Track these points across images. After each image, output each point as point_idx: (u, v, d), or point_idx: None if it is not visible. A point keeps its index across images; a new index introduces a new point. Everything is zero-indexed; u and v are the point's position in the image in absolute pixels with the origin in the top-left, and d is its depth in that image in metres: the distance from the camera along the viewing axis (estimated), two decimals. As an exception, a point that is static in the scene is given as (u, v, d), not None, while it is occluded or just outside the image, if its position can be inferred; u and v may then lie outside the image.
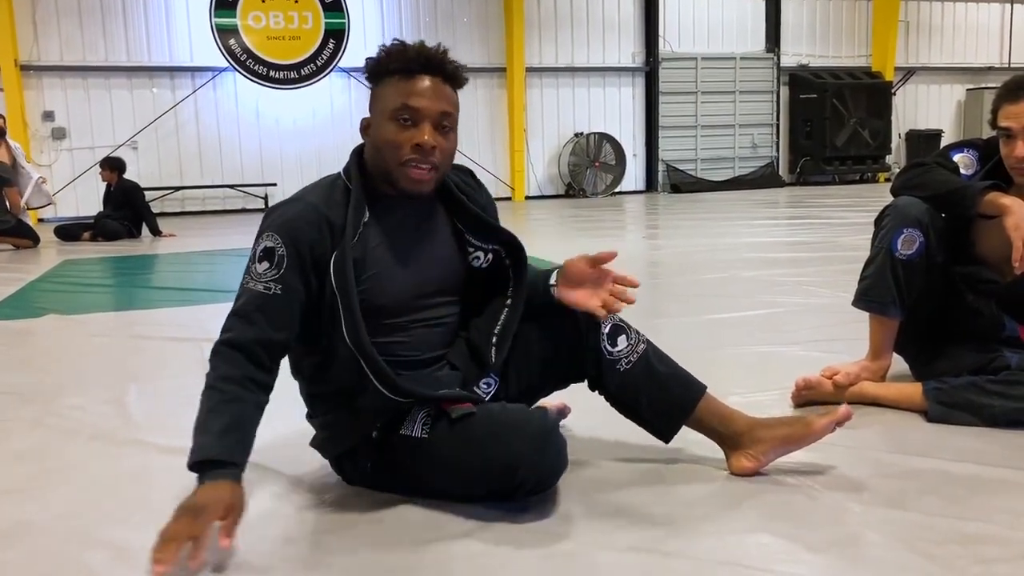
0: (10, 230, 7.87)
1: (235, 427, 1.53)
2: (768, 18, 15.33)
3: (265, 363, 1.60)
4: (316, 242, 1.63)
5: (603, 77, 14.51)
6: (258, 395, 1.59)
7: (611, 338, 1.80)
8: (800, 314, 3.62)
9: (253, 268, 1.63)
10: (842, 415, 1.78)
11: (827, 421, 1.78)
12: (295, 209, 1.65)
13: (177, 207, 12.29)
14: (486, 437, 1.60)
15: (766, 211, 9.98)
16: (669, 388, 1.81)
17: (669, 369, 1.83)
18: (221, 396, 1.55)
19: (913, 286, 2.25)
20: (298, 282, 1.62)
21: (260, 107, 12.58)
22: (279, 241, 1.62)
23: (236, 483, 1.49)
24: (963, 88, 16.74)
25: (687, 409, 1.81)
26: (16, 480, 1.96)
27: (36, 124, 11.70)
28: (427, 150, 1.63)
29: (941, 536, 1.50)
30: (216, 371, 1.58)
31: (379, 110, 1.67)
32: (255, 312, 1.60)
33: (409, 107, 1.62)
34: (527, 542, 1.53)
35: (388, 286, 1.70)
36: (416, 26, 13.14)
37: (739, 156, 15.39)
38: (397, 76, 1.64)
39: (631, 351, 1.80)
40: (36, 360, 3.35)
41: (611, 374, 1.79)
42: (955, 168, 2.27)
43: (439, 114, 1.64)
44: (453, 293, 1.81)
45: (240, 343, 1.59)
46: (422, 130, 1.63)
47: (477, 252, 1.81)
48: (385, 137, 1.65)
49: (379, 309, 1.69)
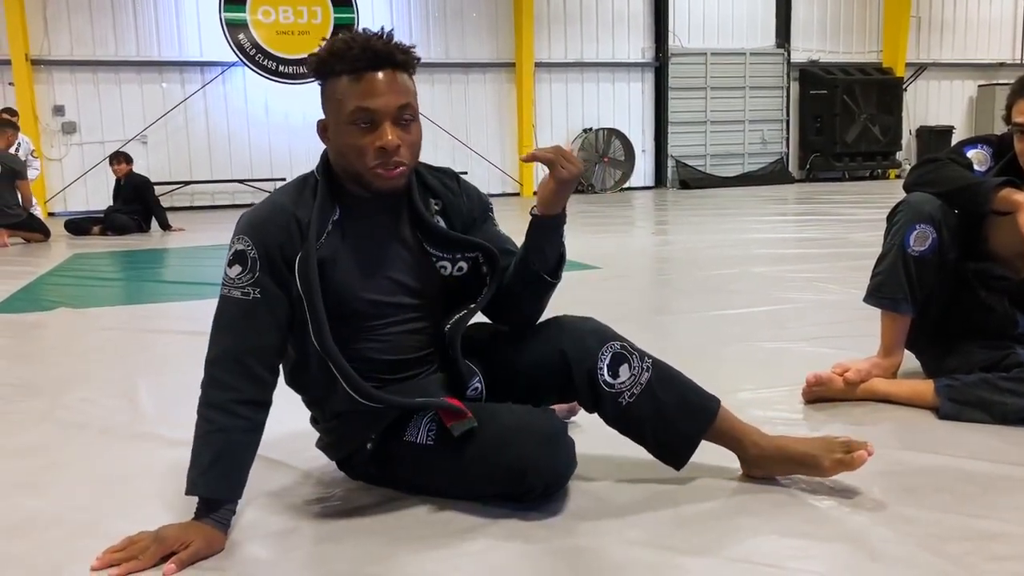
0: (21, 224, 7.92)
1: (221, 459, 1.51)
2: (778, 13, 15.26)
3: (257, 373, 1.55)
4: (285, 243, 1.58)
5: (612, 72, 14.47)
6: (248, 417, 1.54)
7: (612, 369, 1.67)
8: (810, 310, 3.61)
9: (227, 274, 1.58)
10: (858, 461, 1.64)
11: (839, 466, 1.65)
12: (264, 210, 1.62)
13: (186, 202, 12.31)
14: (494, 442, 1.58)
15: (776, 207, 9.95)
16: (675, 423, 1.68)
17: (676, 397, 1.69)
18: (208, 426, 1.52)
19: (925, 283, 2.23)
20: (273, 284, 1.57)
21: (269, 102, 12.60)
22: (249, 243, 1.57)
23: (217, 528, 1.49)
24: (975, 84, 16.63)
25: (693, 442, 1.71)
26: (25, 473, 1.97)
27: (46, 118, 11.74)
28: (391, 151, 1.55)
29: (953, 533, 1.49)
30: (204, 396, 1.55)
31: (333, 112, 1.59)
32: (237, 320, 1.56)
33: (365, 109, 1.54)
34: (535, 538, 1.53)
35: (358, 287, 1.65)
36: (425, 21, 13.14)
37: (749, 152, 15.33)
38: (346, 76, 1.55)
39: (634, 383, 1.67)
40: (46, 353, 3.36)
41: (612, 406, 1.68)
42: (968, 164, 2.25)
43: (397, 109, 1.55)
44: (426, 298, 1.73)
45: (227, 357, 1.54)
46: (383, 131, 1.54)
47: (442, 261, 1.72)
48: (346, 142, 1.57)
49: (350, 313, 1.64)
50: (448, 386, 1.73)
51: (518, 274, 1.71)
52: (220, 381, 1.54)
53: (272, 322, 1.57)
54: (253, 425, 1.56)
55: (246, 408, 1.54)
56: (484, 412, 1.64)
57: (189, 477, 1.51)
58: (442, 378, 1.74)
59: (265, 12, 12.24)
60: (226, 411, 1.52)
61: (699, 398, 1.72)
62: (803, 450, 1.70)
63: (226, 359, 1.54)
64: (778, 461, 1.72)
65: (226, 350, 1.55)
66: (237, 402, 1.53)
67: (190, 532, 1.47)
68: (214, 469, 1.51)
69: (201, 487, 1.51)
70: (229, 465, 1.53)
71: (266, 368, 1.57)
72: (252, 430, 1.56)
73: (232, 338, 1.55)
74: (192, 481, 1.51)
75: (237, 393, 1.53)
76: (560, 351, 1.69)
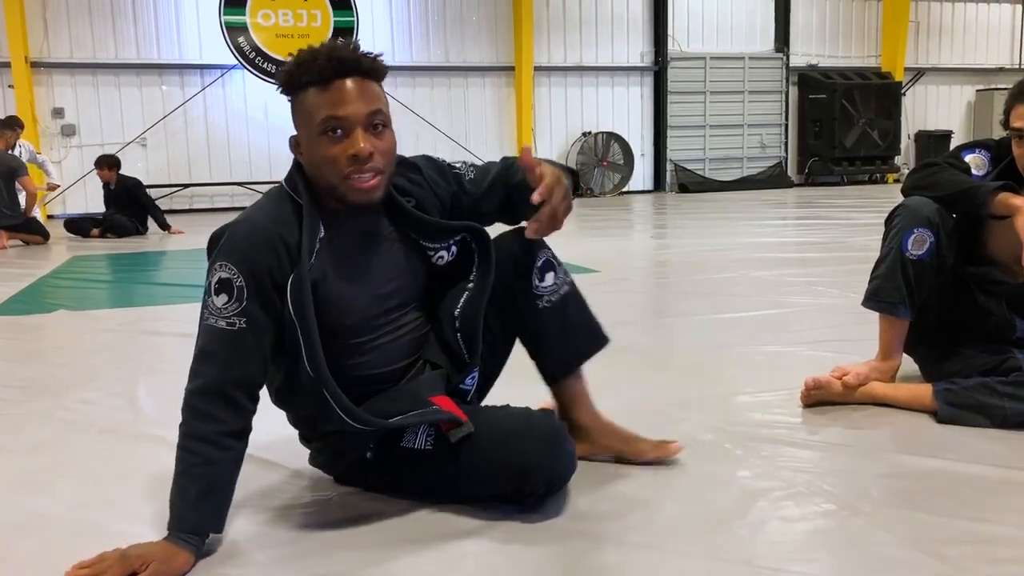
0: (21, 226, 7.91)
1: (211, 493, 1.49)
2: (777, 18, 15.28)
3: (242, 403, 1.52)
4: (274, 267, 1.53)
5: (611, 76, 14.48)
6: (234, 449, 1.52)
7: (541, 272, 1.77)
8: (809, 314, 3.62)
9: (211, 303, 1.53)
10: (674, 449, 1.86)
11: (655, 454, 1.86)
12: (245, 233, 1.55)
13: (186, 204, 12.31)
14: (496, 444, 1.58)
15: (774, 211, 9.96)
16: (577, 337, 1.82)
17: (582, 316, 1.84)
18: (194, 458, 1.48)
19: (923, 286, 2.24)
20: (262, 312, 1.52)
21: (269, 105, 12.58)
22: (235, 271, 1.51)
23: (184, 547, 1.46)
24: (973, 89, 16.65)
25: (584, 357, 1.84)
26: (28, 473, 1.97)
27: (46, 121, 11.73)
28: (364, 158, 1.52)
29: (952, 537, 1.50)
30: (188, 427, 1.50)
31: (304, 125, 1.57)
32: (223, 350, 1.51)
33: (335, 118, 1.51)
34: (536, 540, 1.53)
35: (349, 306, 1.63)
36: (424, 24, 13.15)
37: (747, 156, 15.34)
38: (314, 87, 1.53)
39: (554, 291, 1.78)
40: (47, 354, 3.36)
41: (532, 311, 1.78)
42: (966, 168, 2.26)
43: (367, 116, 1.53)
44: (415, 299, 1.75)
45: (213, 389, 1.50)
46: (355, 139, 1.52)
47: (440, 252, 1.73)
48: (319, 154, 1.54)
49: (342, 330, 1.63)
50: (440, 383, 1.71)
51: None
52: (205, 413, 1.49)
53: (258, 352, 1.53)
54: (237, 455, 1.53)
55: (230, 439, 1.51)
56: (482, 415, 1.64)
57: (177, 511, 1.48)
58: (433, 377, 1.72)
59: (265, 15, 12.24)
60: (212, 443, 1.49)
61: (599, 327, 1.88)
62: (628, 432, 1.88)
63: (210, 391, 1.50)
64: (604, 434, 1.87)
65: (211, 382, 1.50)
66: (223, 434, 1.50)
67: (154, 551, 1.44)
68: (204, 503, 1.48)
69: (190, 522, 1.47)
70: (219, 499, 1.51)
71: (250, 398, 1.54)
72: (237, 460, 1.54)
73: (217, 369, 1.50)
74: (180, 516, 1.47)
75: (222, 425, 1.50)
76: (512, 258, 1.77)
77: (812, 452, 1.96)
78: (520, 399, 1.76)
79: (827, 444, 2.01)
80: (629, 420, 1.91)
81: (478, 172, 1.80)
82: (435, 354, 1.76)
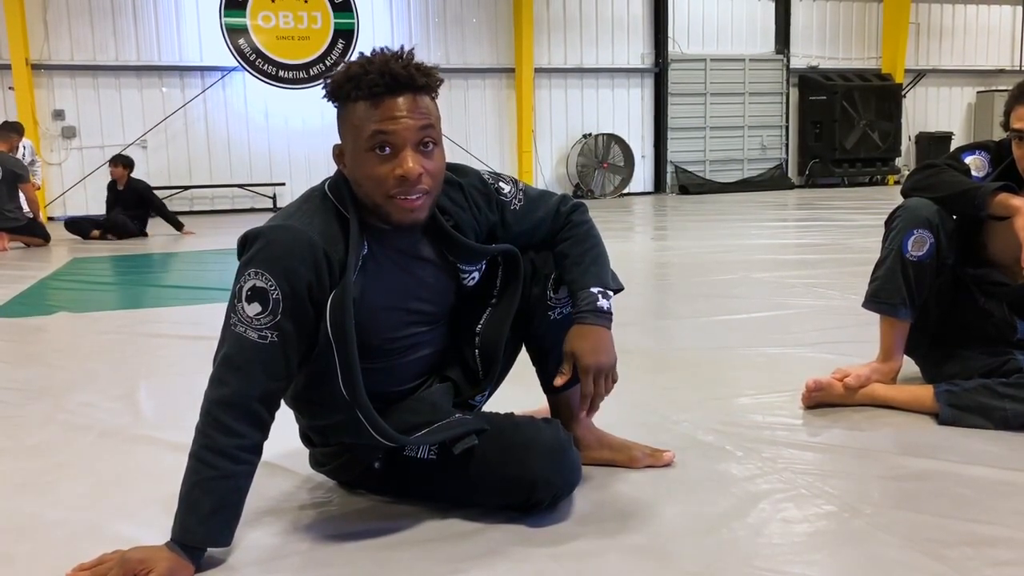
0: (22, 228, 7.91)
1: (224, 507, 1.45)
2: (778, 19, 15.30)
3: (263, 417, 1.48)
4: (314, 284, 1.47)
5: (612, 78, 14.50)
6: (251, 463, 1.48)
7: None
8: (810, 316, 3.61)
9: (241, 309, 1.46)
10: (667, 458, 1.88)
11: (648, 462, 1.87)
12: (287, 243, 1.47)
13: (186, 206, 12.30)
14: (499, 456, 1.57)
15: (775, 213, 9.96)
16: None
17: None
18: (211, 471, 1.43)
19: (923, 288, 2.24)
20: (295, 328, 1.47)
21: (269, 107, 12.61)
22: (272, 283, 1.44)
23: (185, 558, 1.43)
24: (973, 90, 16.67)
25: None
26: (27, 475, 1.97)
27: (46, 123, 11.74)
28: (412, 180, 1.46)
29: (953, 538, 1.50)
30: (208, 439, 1.44)
31: (351, 138, 1.50)
32: (250, 364, 1.45)
33: (384, 133, 1.45)
34: (538, 542, 1.53)
35: (381, 325, 1.59)
36: (425, 26, 13.16)
37: (748, 158, 15.36)
38: (364, 101, 1.46)
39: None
40: (47, 357, 3.36)
41: (542, 318, 1.77)
42: (966, 170, 2.26)
43: (418, 132, 1.46)
44: (440, 318, 1.72)
45: (238, 403, 1.44)
46: (404, 158, 1.45)
47: (473, 273, 1.70)
48: (365, 172, 1.48)
49: (371, 349, 1.58)
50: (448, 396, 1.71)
51: None
52: (227, 427, 1.44)
53: (285, 367, 1.48)
54: (253, 469, 1.49)
55: (248, 453, 1.47)
56: (489, 425, 1.63)
57: (185, 523, 1.43)
58: (448, 387, 1.72)
59: (265, 17, 12.26)
60: (231, 458, 1.44)
61: None
62: (620, 441, 1.89)
63: (236, 404, 1.44)
64: (598, 447, 1.88)
65: (236, 394, 1.44)
66: (242, 448, 1.45)
67: (156, 557, 1.41)
68: (216, 517, 1.44)
69: (200, 535, 1.43)
70: (232, 513, 1.47)
71: (271, 412, 1.50)
72: (251, 473, 1.49)
73: (244, 383, 1.45)
74: (188, 528, 1.42)
75: (244, 439, 1.45)
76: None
77: (813, 454, 1.96)
78: (520, 399, 1.76)
79: (828, 446, 2.01)
80: (629, 421, 1.91)
81: (527, 203, 1.75)
82: (448, 367, 1.75)
